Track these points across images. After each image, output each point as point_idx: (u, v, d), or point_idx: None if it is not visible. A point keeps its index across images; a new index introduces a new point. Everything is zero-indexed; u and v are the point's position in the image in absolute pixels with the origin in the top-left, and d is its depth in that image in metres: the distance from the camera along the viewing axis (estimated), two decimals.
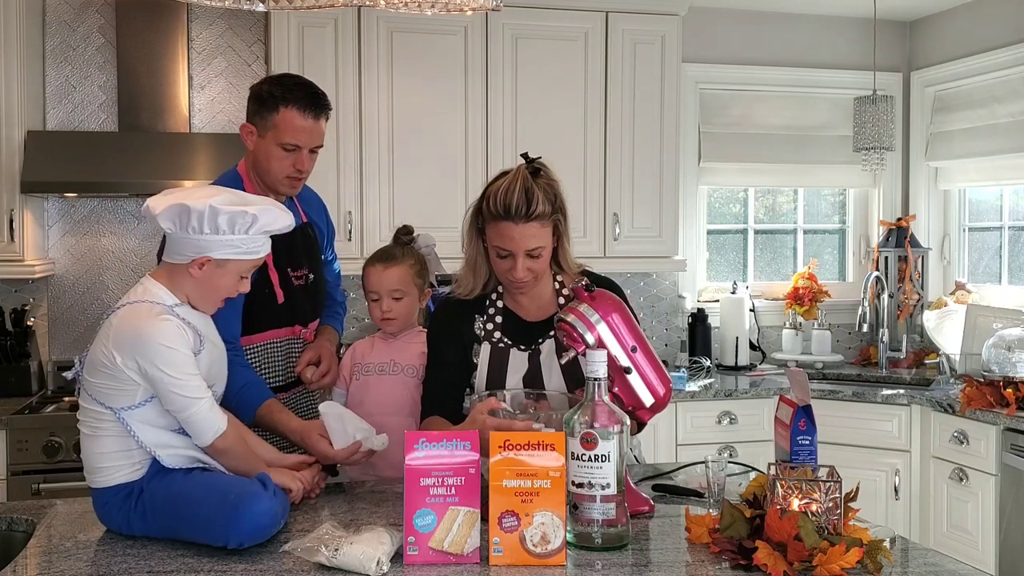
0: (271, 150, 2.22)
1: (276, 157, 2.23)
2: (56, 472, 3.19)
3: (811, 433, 1.80)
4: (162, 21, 3.77)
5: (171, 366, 1.74)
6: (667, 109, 4.09)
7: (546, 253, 2.03)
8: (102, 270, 3.89)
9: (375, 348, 2.41)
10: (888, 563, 1.60)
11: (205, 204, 1.75)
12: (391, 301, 2.34)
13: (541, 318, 2.12)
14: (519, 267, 1.99)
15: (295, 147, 2.22)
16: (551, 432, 1.72)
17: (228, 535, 1.68)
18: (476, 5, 2.30)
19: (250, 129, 2.25)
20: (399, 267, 2.34)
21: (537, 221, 1.96)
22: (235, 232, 1.79)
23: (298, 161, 2.24)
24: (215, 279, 1.83)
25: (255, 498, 1.71)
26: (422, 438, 1.65)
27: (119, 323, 1.76)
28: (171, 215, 1.77)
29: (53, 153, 3.51)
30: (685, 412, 3.83)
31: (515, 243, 1.97)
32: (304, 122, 2.21)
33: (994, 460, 3.36)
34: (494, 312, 2.14)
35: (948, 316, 4.27)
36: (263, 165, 2.25)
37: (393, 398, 2.33)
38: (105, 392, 1.76)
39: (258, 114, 2.23)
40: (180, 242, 1.81)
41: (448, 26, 3.80)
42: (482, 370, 2.10)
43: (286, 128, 2.20)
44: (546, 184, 1.99)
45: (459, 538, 1.62)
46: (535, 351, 2.09)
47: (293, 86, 2.24)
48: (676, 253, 4.18)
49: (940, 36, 4.59)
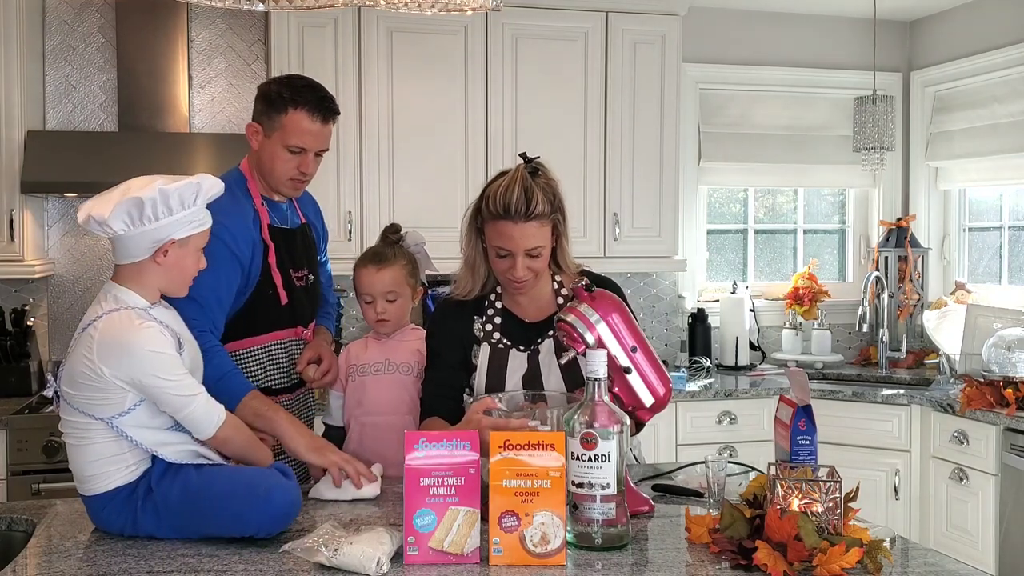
0: (276, 151, 2.21)
1: (281, 159, 2.21)
2: (56, 472, 3.18)
3: (811, 433, 1.80)
4: (162, 21, 3.77)
5: (163, 370, 1.74)
6: (667, 109, 4.09)
7: (545, 252, 2.03)
8: (102, 270, 3.89)
9: (369, 348, 2.40)
10: (888, 563, 1.60)
11: (154, 190, 1.76)
12: (385, 303, 2.33)
13: (540, 319, 2.12)
14: (519, 266, 1.99)
15: (301, 150, 2.21)
16: (549, 431, 1.72)
17: (259, 525, 1.72)
18: (476, 5, 2.30)
19: (256, 129, 2.23)
20: (392, 268, 2.33)
21: (536, 220, 1.96)
22: (186, 207, 1.80)
23: (303, 164, 2.23)
24: (182, 260, 1.84)
25: (285, 488, 1.76)
26: (422, 438, 1.64)
27: (101, 336, 1.73)
28: (123, 213, 1.75)
29: (53, 153, 3.51)
30: (685, 412, 3.84)
31: (514, 242, 1.97)
32: (312, 125, 2.20)
33: (994, 460, 3.36)
34: (493, 313, 2.14)
35: (948, 316, 4.27)
36: (267, 166, 2.24)
37: (390, 397, 2.33)
38: (90, 404, 1.75)
39: (265, 114, 2.21)
40: (134, 240, 1.79)
41: (448, 26, 3.80)
42: (481, 371, 2.10)
43: (293, 130, 2.19)
44: (545, 184, 1.99)
45: (459, 538, 1.62)
46: (534, 351, 2.09)
47: (302, 88, 2.22)
48: (676, 253, 4.18)
49: (940, 36, 4.59)
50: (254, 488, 1.74)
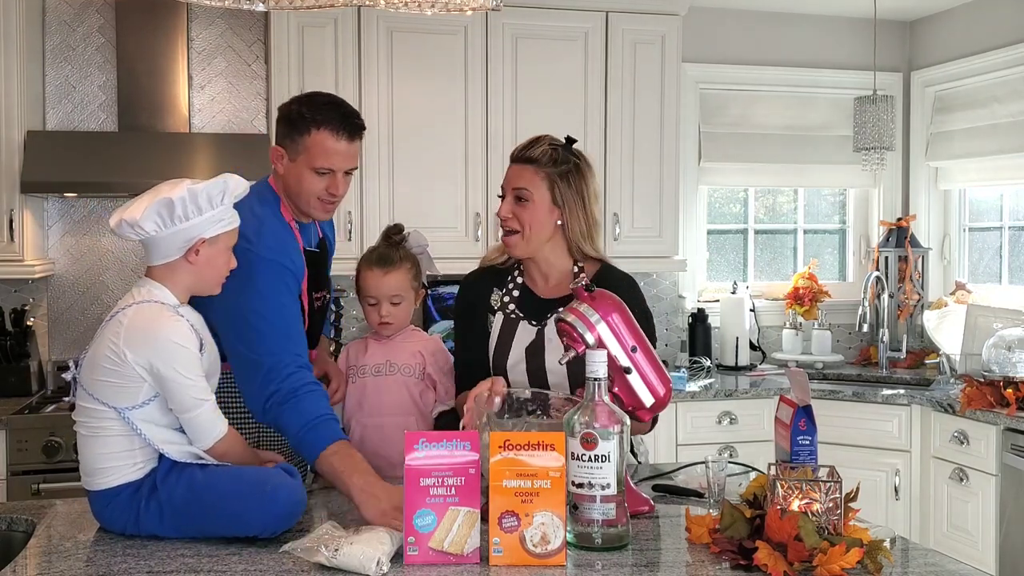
0: (303, 174, 2.09)
1: (309, 182, 2.10)
2: (56, 472, 3.18)
3: (811, 433, 1.80)
4: (162, 21, 3.77)
5: (182, 365, 1.76)
6: (667, 109, 4.09)
7: (535, 207, 2.11)
8: (102, 270, 3.89)
9: (369, 349, 2.39)
10: (888, 563, 1.60)
11: (183, 190, 1.80)
12: (390, 306, 2.32)
13: (555, 296, 2.19)
14: (504, 205, 2.13)
15: (328, 170, 2.09)
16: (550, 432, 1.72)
17: (264, 524, 1.73)
18: (476, 5, 2.30)
19: (280, 153, 2.12)
20: (398, 272, 2.31)
21: (530, 165, 2.10)
22: (214, 206, 1.84)
23: (331, 185, 2.11)
24: (213, 258, 1.87)
25: (291, 487, 1.77)
26: (422, 438, 1.64)
27: (130, 322, 1.77)
28: (154, 214, 1.79)
29: (53, 153, 3.51)
30: (685, 412, 3.83)
31: (508, 182, 2.13)
32: (337, 144, 2.08)
33: (994, 460, 3.36)
34: (512, 287, 2.24)
35: (948, 316, 4.26)
36: (295, 190, 2.12)
37: (391, 399, 2.32)
38: (108, 390, 1.76)
39: (288, 137, 2.10)
40: (165, 241, 1.83)
41: (448, 26, 3.80)
42: (492, 339, 2.21)
43: (318, 152, 2.07)
44: (564, 154, 2.12)
45: (459, 538, 1.62)
46: (543, 325, 2.17)
47: (324, 106, 2.10)
48: (676, 253, 4.18)
49: (940, 36, 4.58)
50: (260, 486, 1.75)
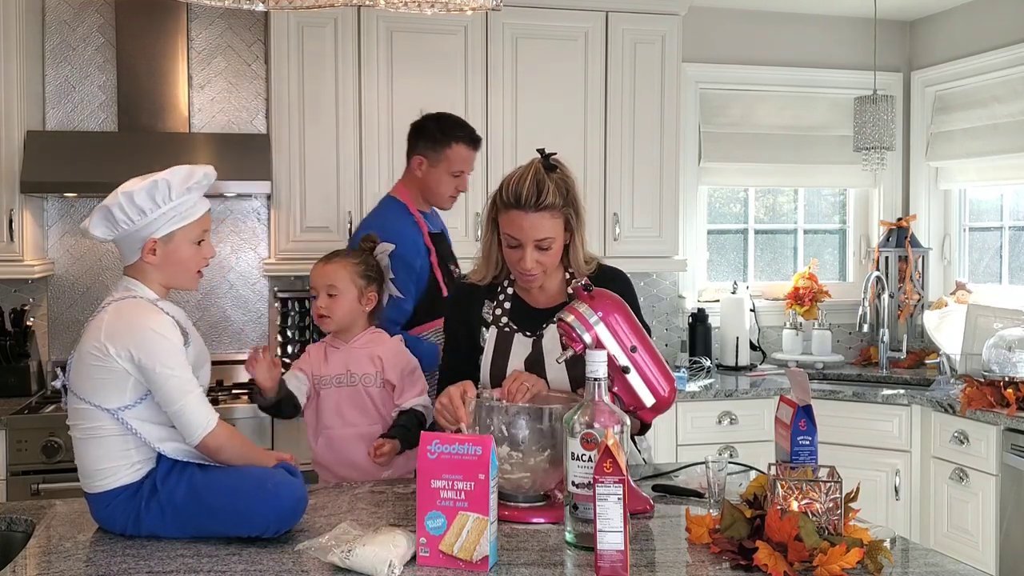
0: (442, 177, 2.87)
1: (445, 183, 2.88)
2: (55, 472, 3.18)
3: (811, 433, 1.79)
4: (162, 21, 3.77)
5: (164, 354, 1.76)
6: (667, 109, 4.09)
7: (556, 246, 2.05)
8: (102, 270, 3.89)
9: (329, 360, 2.41)
10: (888, 563, 1.60)
11: (116, 195, 1.80)
12: (326, 297, 2.36)
13: (548, 306, 2.16)
14: (527, 257, 2.02)
15: (461, 173, 2.88)
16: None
17: (266, 522, 1.72)
18: (476, 5, 2.30)
19: (420, 160, 2.87)
20: (337, 263, 2.39)
21: (547, 211, 2.00)
22: (159, 204, 1.82)
23: (460, 184, 2.91)
24: (172, 255, 1.86)
25: (293, 485, 1.76)
26: (435, 439, 1.63)
27: (111, 317, 1.78)
28: (99, 223, 1.82)
29: (53, 153, 3.51)
30: (685, 412, 3.83)
31: (524, 232, 2.01)
32: (469, 154, 2.90)
33: (994, 460, 3.36)
34: (504, 298, 2.19)
35: (948, 316, 4.26)
36: (433, 189, 2.88)
37: (354, 410, 2.37)
38: (95, 389, 1.76)
39: (430, 148, 2.86)
40: (125, 242, 1.85)
41: (448, 26, 3.80)
42: (487, 353, 2.16)
43: (456, 160, 2.86)
44: (560, 179, 2.04)
45: (468, 544, 1.59)
46: (538, 337, 2.13)
47: (455, 125, 2.90)
48: (676, 253, 4.18)
49: (940, 36, 4.58)
50: (262, 483, 1.74)
